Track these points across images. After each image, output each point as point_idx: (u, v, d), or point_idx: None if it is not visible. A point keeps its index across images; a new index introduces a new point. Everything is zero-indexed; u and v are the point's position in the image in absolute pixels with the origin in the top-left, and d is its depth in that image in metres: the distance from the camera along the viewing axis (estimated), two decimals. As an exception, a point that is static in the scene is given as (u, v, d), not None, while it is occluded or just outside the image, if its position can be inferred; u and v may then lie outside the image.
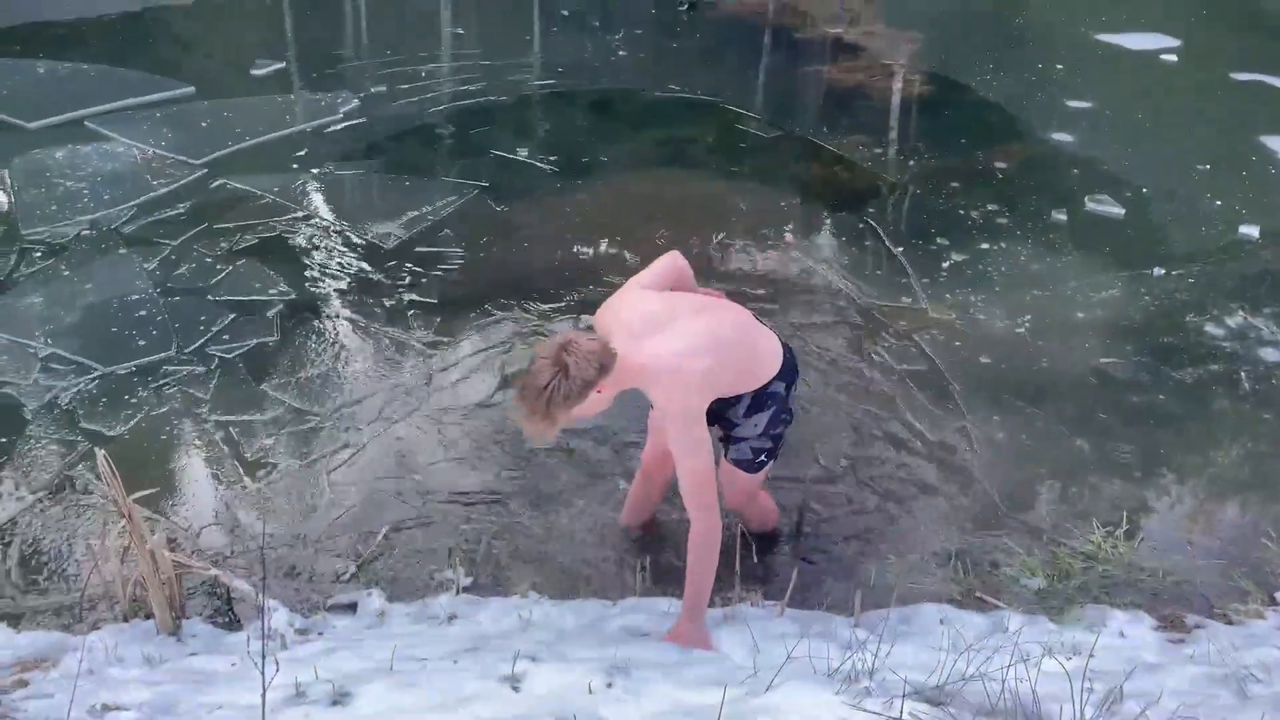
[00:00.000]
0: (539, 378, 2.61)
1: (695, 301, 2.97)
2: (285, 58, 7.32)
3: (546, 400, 2.60)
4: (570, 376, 2.60)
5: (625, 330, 2.78)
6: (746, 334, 3.00)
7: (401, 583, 3.36)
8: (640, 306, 2.87)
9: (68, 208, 5.29)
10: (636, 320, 2.82)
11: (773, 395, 3.01)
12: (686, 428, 2.79)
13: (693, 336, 2.80)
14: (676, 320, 2.84)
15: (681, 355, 2.75)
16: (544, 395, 2.60)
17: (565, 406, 2.63)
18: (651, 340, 2.77)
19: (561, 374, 2.60)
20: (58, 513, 3.57)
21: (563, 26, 8.16)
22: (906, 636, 2.87)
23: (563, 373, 2.60)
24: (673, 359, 2.74)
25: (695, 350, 2.78)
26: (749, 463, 3.12)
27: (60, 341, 4.35)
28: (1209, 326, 4.69)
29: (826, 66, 7.56)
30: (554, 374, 2.60)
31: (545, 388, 2.60)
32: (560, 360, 2.61)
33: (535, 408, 2.63)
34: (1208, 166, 6.12)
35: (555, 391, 2.60)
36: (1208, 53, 7.78)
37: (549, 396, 2.60)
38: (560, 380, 2.60)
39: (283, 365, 4.33)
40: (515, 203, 5.58)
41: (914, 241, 5.30)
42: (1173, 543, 3.56)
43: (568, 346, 2.63)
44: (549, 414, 2.63)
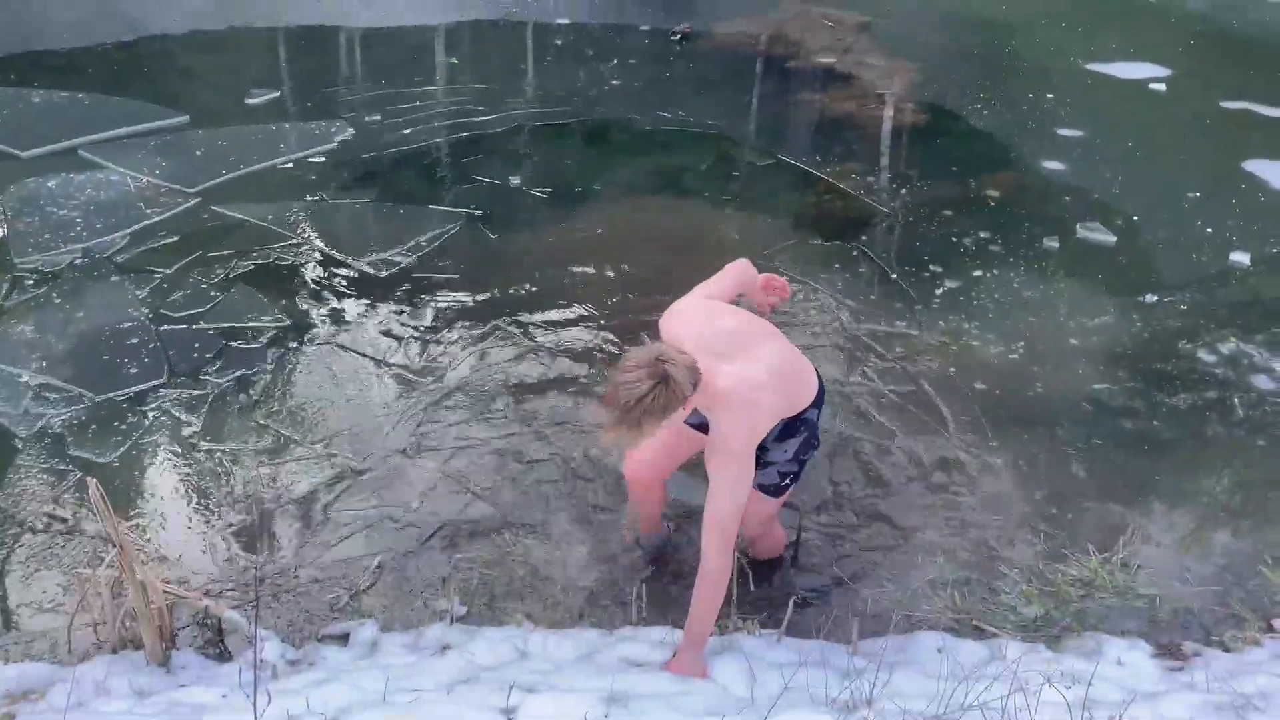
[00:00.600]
0: (638, 387, 2.55)
1: (760, 325, 2.96)
2: (280, 87, 7.35)
3: (643, 410, 2.55)
4: (671, 388, 2.57)
5: (705, 348, 2.74)
6: (798, 361, 3.01)
7: (395, 612, 3.33)
8: (719, 323, 2.85)
9: (60, 236, 5.28)
10: (720, 340, 2.79)
11: (805, 421, 3.01)
12: (740, 461, 2.76)
13: (766, 366, 2.79)
14: (753, 344, 2.82)
15: (758, 388, 2.74)
16: (641, 405, 2.55)
17: (658, 419, 2.59)
18: (732, 365, 2.74)
19: (662, 385, 2.56)
20: (48, 541, 3.54)
21: (556, 56, 8.21)
22: (904, 665, 2.85)
23: (663, 384, 2.56)
24: (751, 390, 2.72)
25: (769, 385, 2.77)
26: (774, 487, 3.10)
27: (52, 369, 4.33)
28: (1202, 353, 4.71)
29: (819, 95, 7.61)
30: (654, 385, 2.55)
31: (644, 398, 2.54)
32: (659, 371, 2.57)
33: (628, 417, 2.57)
34: (1198, 194, 6.15)
35: (655, 402, 2.56)
36: (1197, 81, 7.85)
37: (647, 406, 2.55)
38: (661, 391, 2.56)
39: (275, 393, 4.31)
40: (509, 231, 5.59)
41: (907, 269, 5.31)
42: (1169, 569, 3.55)
43: (665, 358, 2.59)
44: (639, 424, 2.58)
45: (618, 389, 2.57)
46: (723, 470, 2.76)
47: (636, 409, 2.55)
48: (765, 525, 3.30)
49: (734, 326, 2.86)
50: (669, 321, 2.90)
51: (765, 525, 3.30)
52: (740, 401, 2.71)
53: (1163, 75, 7.94)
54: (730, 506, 2.76)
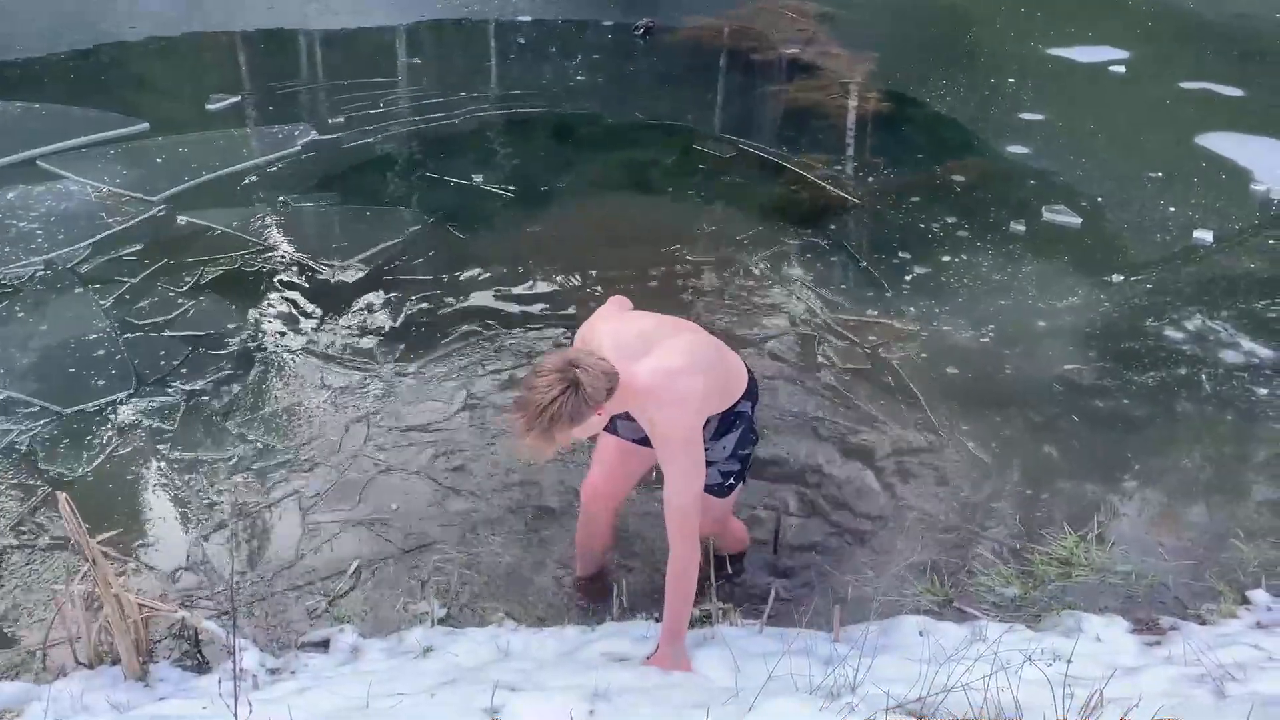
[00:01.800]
0: (546, 393, 2.47)
1: (671, 321, 2.92)
2: (240, 91, 7.27)
3: (551, 417, 2.47)
4: (580, 394, 2.48)
5: (621, 351, 2.68)
6: (720, 352, 2.96)
7: (374, 617, 3.31)
8: (633, 326, 2.81)
9: (21, 248, 5.20)
10: (635, 341, 2.73)
11: (740, 415, 2.97)
12: (688, 449, 2.72)
13: (683, 355, 2.74)
14: (668, 338, 2.78)
15: (678, 373, 2.69)
16: (548, 412, 2.46)
17: (568, 425, 2.52)
18: (647, 360, 2.68)
19: (572, 390, 2.48)
20: (20, 559, 3.48)
21: (519, 54, 8.19)
22: (887, 649, 2.87)
23: (573, 389, 2.48)
24: (671, 378, 2.67)
25: (690, 368, 2.72)
26: (718, 487, 3.04)
27: (16, 384, 4.26)
28: (1169, 330, 4.76)
29: (784, 87, 7.63)
30: (563, 390, 2.47)
31: (552, 403, 2.46)
32: (570, 377, 2.48)
33: (536, 424, 2.48)
34: (1160, 174, 6.23)
35: (562, 408, 2.47)
36: (1155, 64, 7.95)
37: (554, 413, 2.47)
38: (570, 397, 2.47)
39: (247, 400, 4.27)
40: (476, 230, 5.56)
41: (877, 256, 5.34)
42: (1144, 545, 3.59)
43: (577, 363, 2.51)
44: (549, 432, 2.50)
45: (528, 395, 2.50)
46: (672, 461, 2.73)
47: (545, 416, 2.47)
48: (720, 524, 3.25)
49: (649, 327, 2.83)
50: (585, 330, 2.88)
51: (720, 524, 3.25)
52: (665, 391, 2.67)
53: (1122, 58, 8.03)
54: (688, 494, 2.73)
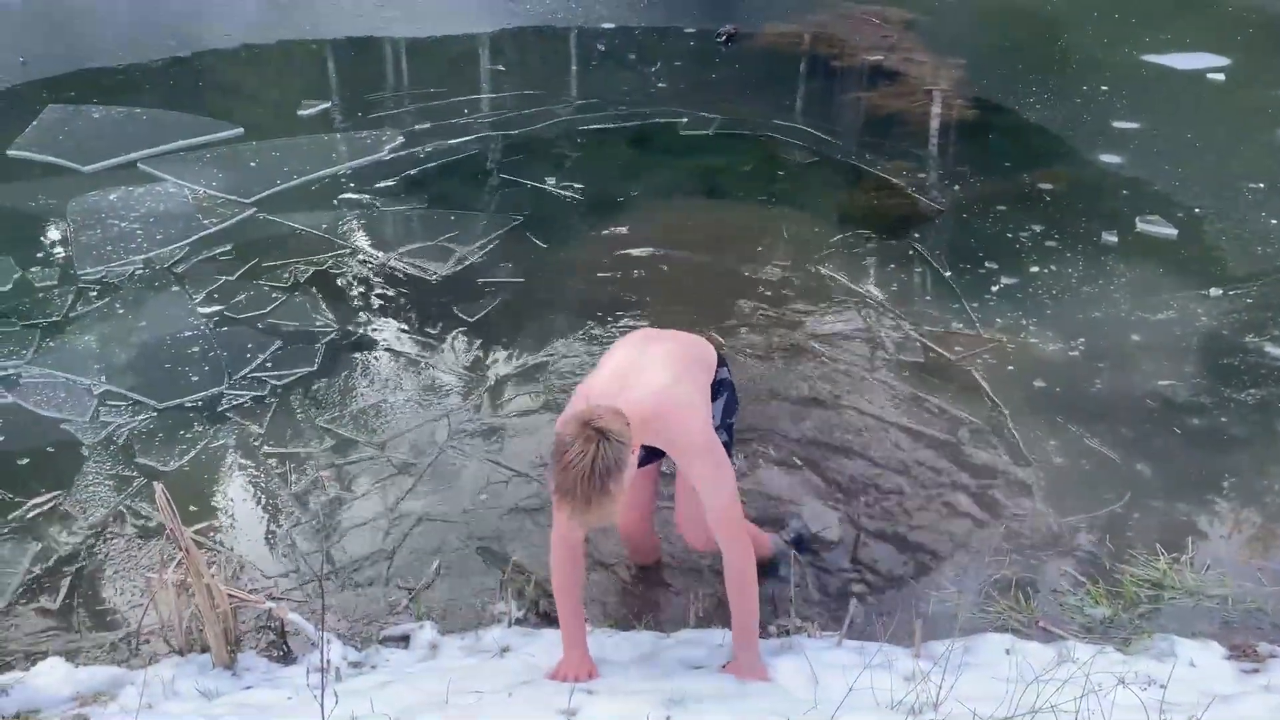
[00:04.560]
0: (583, 458, 2.42)
1: (634, 340, 2.96)
2: (330, 98, 7.45)
3: (601, 475, 2.42)
4: (611, 439, 2.45)
5: (604, 396, 2.66)
6: (683, 342, 2.99)
7: (453, 614, 3.35)
8: (607, 370, 2.83)
9: (122, 248, 5.39)
10: (614, 381, 2.74)
11: (723, 383, 3.00)
12: (712, 453, 2.73)
13: (661, 367, 2.78)
14: (640, 361, 2.80)
15: (670, 387, 2.72)
16: (597, 470, 2.41)
17: (619, 474, 2.46)
18: (636, 390, 2.69)
19: (602, 440, 2.43)
20: (117, 547, 3.61)
21: (601, 61, 8.23)
22: (969, 667, 2.80)
23: (602, 438, 2.44)
24: (668, 395, 2.70)
25: (675, 379, 2.76)
26: None
27: (115, 379, 4.42)
28: (1269, 347, 4.58)
29: (867, 93, 7.55)
30: (596, 445, 2.42)
31: (595, 462, 2.41)
32: (591, 432, 2.44)
33: (593, 489, 2.42)
34: (1261, 185, 6.00)
35: (606, 460, 2.42)
36: (1256, 71, 7.67)
37: (602, 469, 2.41)
38: (605, 447, 2.43)
39: (334, 397, 4.36)
40: (557, 234, 5.60)
41: (962, 266, 5.24)
42: (1240, 568, 3.46)
43: (586, 417, 2.48)
44: (606, 489, 2.44)
45: (569, 472, 2.43)
46: (700, 468, 2.74)
47: (595, 477, 2.41)
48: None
49: (619, 360, 2.84)
50: (574, 398, 2.87)
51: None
52: (669, 408, 2.68)
53: (1221, 65, 7.77)
54: (724, 493, 2.74)
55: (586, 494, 2.44)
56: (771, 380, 4.42)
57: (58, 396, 4.32)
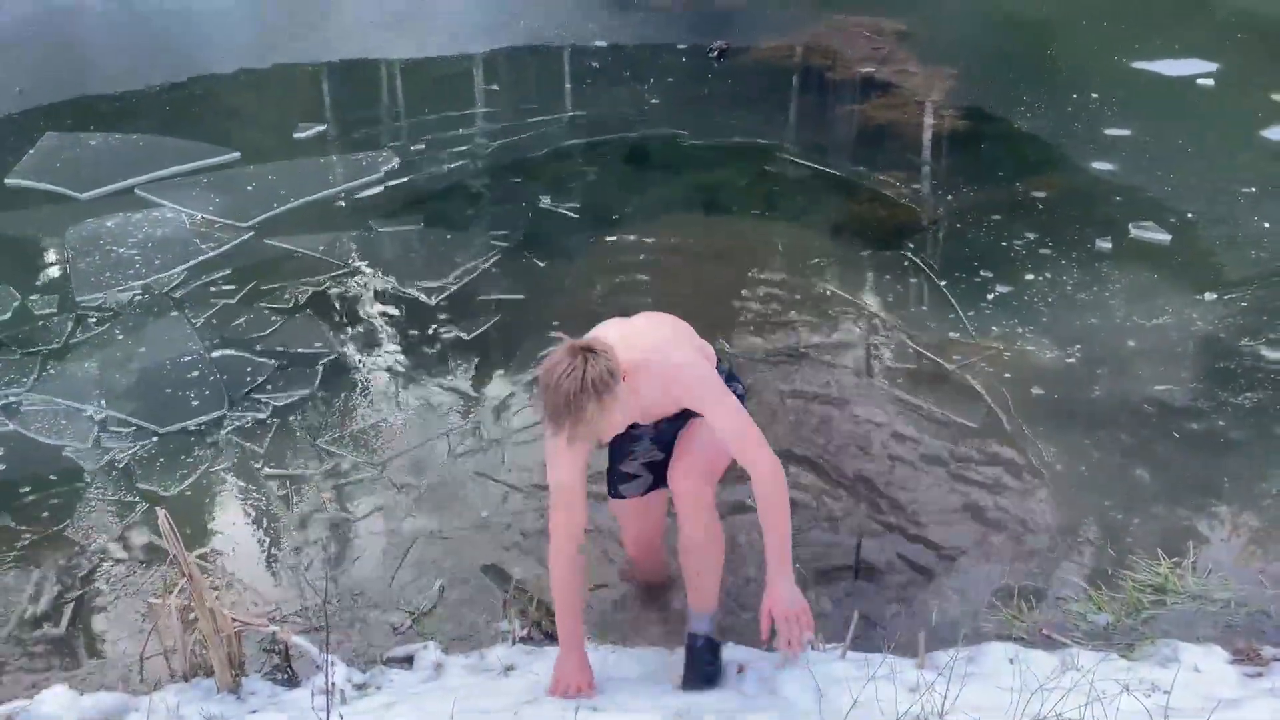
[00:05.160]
0: (572, 372, 2.47)
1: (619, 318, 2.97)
2: (326, 121, 7.48)
3: (595, 384, 2.46)
4: (598, 355, 2.50)
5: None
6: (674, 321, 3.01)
7: (457, 633, 3.35)
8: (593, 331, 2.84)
9: (120, 274, 5.41)
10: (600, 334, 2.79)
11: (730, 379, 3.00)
12: (715, 384, 2.75)
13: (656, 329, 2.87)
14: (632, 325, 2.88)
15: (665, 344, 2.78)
16: (586, 382, 2.46)
17: (610, 387, 2.50)
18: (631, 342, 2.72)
19: (589, 355, 2.50)
20: (119, 573, 3.61)
21: (595, 79, 8.27)
22: (974, 677, 2.80)
23: (589, 354, 2.50)
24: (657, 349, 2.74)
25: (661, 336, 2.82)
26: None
27: (116, 404, 4.43)
28: (1265, 350, 4.60)
29: (860, 105, 7.59)
30: (583, 360, 2.49)
31: (584, 374, 2.46)
32: (575, 350, 2.51)
33: (584, 398, 2.47)
34: (1253, 189, 6.03)
35: (593, 371, 2.47)
36: (1246, 76, 7.71)
37: (594, 378, 2.46)
38: (593, 361, 2.48)
39: (334, 418, 4.37)
40: (554, 253, 5.63)
41: (957, 274, 5.27)
42: (1242, 572, 3.46)
43: (577, 343, 2.55)
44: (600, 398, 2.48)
45: (556, 389, 2.47)
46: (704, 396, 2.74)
47: (586, 389, 2.46)
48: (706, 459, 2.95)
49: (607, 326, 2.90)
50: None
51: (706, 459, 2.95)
52: (667, 356, 2.74)
53: (1210, 71, 7.81)
54: (740, 419, 2.74)
55: (579, 404, 2.46)
56: (770, 390, 4.43)
57: (59, 424, 4.33)
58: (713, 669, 2.93)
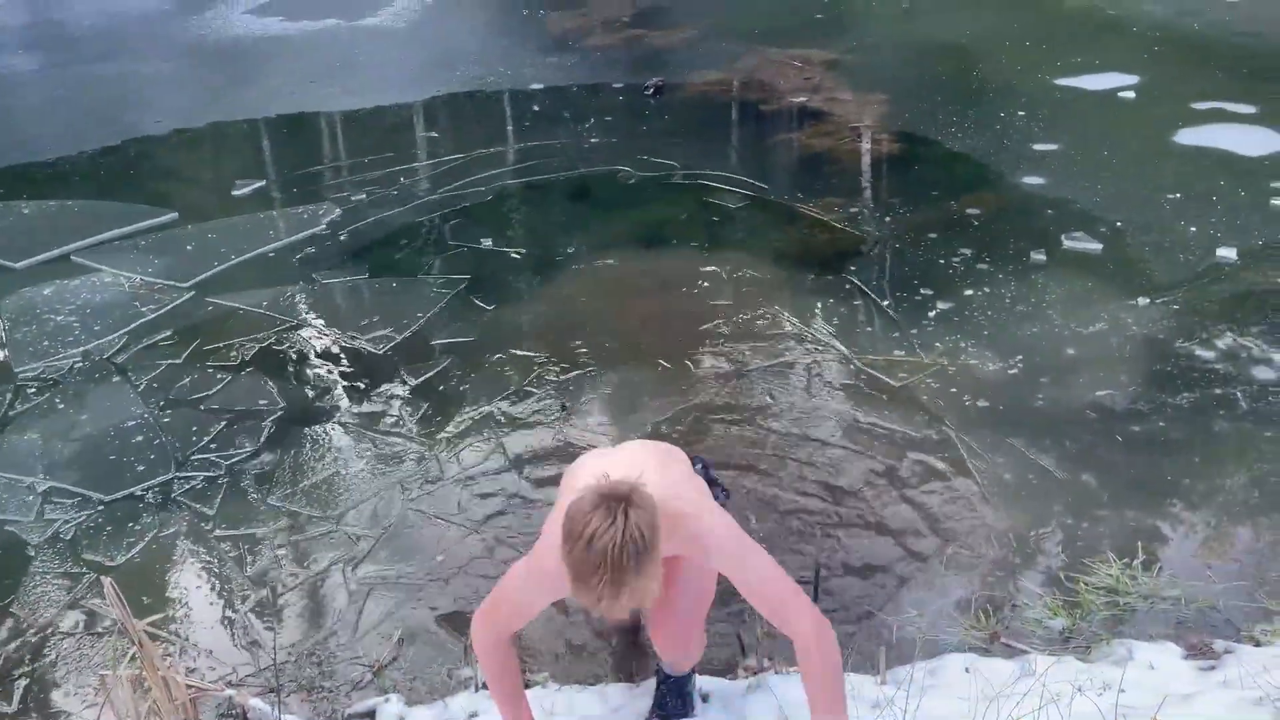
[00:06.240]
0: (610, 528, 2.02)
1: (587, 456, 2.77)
2: (265, 176, 7.45)
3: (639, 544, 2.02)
4: (641, 507, 2.07)
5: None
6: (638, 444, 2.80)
7: (419, 685, 3.31)
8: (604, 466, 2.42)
9: (59, 342, 5.33)
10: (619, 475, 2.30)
11: (709, 481, 2.79)
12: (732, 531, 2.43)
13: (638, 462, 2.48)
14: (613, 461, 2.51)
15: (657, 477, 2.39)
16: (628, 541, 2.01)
17: (654, 546, 2.06)
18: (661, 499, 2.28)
19: (630, 508, 2.06)
20: (69, 646, 3.53)
21: (534, 121, 8.34)
22: (934, 689, 2.83)
23: (630, 506, 2.06)
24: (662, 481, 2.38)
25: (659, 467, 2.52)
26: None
27: (59, 475, 4.34)
28: (1199, 350, 4.72)
29: (795, 134, 7.72)
30: (623, 514, 2.04)
31: (624, 531, 2.01)
32: (613, 501, 2.06)
33: (625, 563, 2.01)
34: (1178, 195, 6.21)
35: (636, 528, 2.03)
36: (1165, 87, 7.96)
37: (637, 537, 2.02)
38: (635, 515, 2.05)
39: (285, 475, 4.32)
40: (501, 295, 5.64)
41: (899, 294, 5.35)
42: (1191, 569, 3.54)
43: (604, 488, 2.11)
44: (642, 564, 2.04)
45: (589, 548, 2.02)
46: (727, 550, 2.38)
47: (628, 550, 2.00)
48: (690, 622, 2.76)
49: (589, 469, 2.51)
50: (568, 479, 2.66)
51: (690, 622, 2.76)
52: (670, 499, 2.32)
53: (1131, 83, 8.06)
54: (771, 571, 2.36)
55: (620, 570, 2.00)
56: (719, 418, 4.46)
57: (0, 498, 4.24)
58: (682, 704, 2.92)
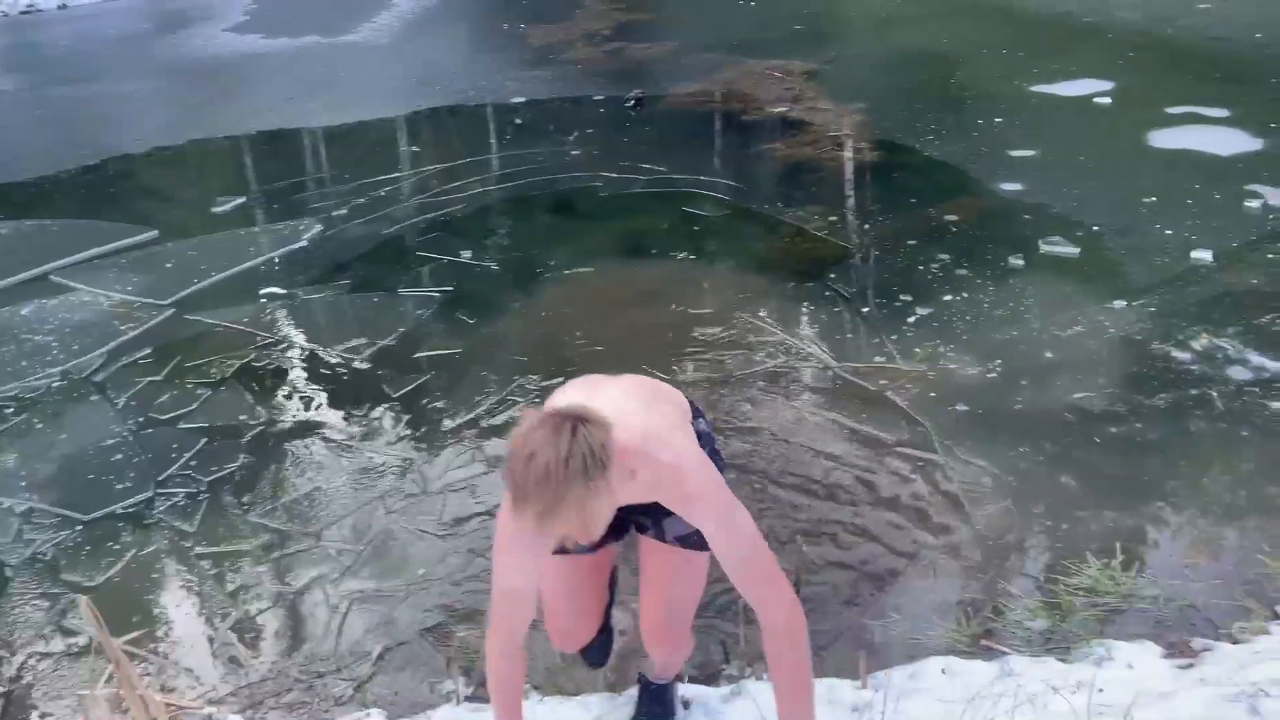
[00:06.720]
0: (554, 444, 1.87)
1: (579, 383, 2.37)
2: (245, 193, 7.45)
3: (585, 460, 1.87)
4: (592, 425, 1.91)
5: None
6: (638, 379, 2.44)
7: (402, 699, 3.30)
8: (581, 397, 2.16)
9: (37, 361, 5.31)
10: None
11: (702, 435, 2.37)
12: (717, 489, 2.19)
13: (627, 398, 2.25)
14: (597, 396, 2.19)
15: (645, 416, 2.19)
16: (573, 456, 1.86)
17: (602, 468, 1.90)
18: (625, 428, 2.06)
19: (580, 425, 1.90)
20: (48, 666, 3.51)
21: (516, 135, 8.35)
22: (914, 693, 2.84)
23: (580, 424, 1.90)
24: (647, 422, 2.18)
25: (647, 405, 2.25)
26: (694, 536, 2.30)
27: (38, 494, 4.32)
28: (1176, 352, 4.75)
29: (775, 144, 7.75)
30: (570, 431, 1.89)
31: (570, 447, 1.87)
32: (560, 419, 1.91)
33: (568, 478, 1.87)
34: (1154, 198, 6.26)
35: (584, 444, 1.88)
36: (1140, 92, 8.03)
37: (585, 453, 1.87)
38: (585, 432, 1.89)
39: (265, 490, 4.31)
40: (482, 307, 5.64)
41: (879, 301, 5.38)
42: (1170, 568, 3.55)
43: (562, 411, 1.95)
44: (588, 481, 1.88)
45: (528, 464, 1.88)
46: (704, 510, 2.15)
47: (571, 466, 1.86)
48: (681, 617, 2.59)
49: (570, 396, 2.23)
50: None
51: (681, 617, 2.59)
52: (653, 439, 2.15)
53: (1106, 89, 8.13)
54: (747, 539, 2.14)
55: (560, 484, 1.86)
56: (703, 430, 4.46)
57: (-22, 518, 4.21)
58: (663, 711, 2.92)
